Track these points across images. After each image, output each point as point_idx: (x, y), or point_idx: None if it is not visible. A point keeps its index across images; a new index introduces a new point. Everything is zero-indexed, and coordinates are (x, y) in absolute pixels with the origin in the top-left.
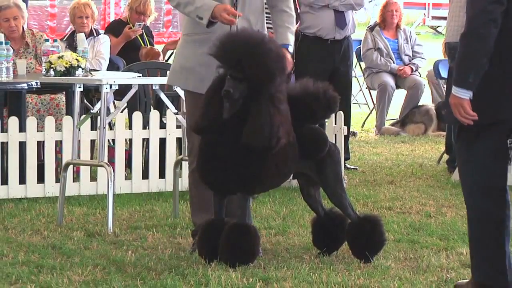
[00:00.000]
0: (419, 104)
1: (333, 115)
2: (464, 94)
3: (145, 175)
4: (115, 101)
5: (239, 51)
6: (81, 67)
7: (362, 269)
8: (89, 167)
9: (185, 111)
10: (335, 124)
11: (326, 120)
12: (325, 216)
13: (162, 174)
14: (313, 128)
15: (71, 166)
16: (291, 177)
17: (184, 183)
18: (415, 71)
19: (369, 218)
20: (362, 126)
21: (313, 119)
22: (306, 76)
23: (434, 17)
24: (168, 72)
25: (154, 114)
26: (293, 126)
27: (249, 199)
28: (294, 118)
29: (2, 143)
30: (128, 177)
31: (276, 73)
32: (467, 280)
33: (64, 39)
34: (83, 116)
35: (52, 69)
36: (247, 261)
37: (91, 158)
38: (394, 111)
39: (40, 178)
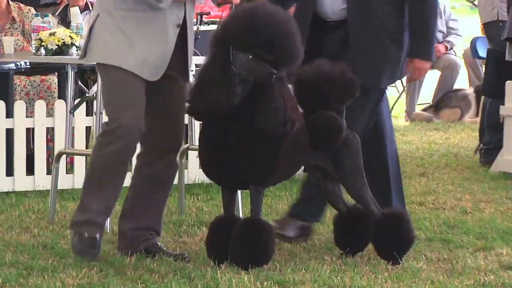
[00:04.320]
0: (454, 87)
1: None
2: None
3: None
4: None
5: (269, 30)
6: (75, 45)
7: (390, 272)
8: (84, 157)
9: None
10: None
11: None
12: (348, 213)
13: None
14: (325, 114)
15: (64, 156)
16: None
17: (190, 175)
18: (449, 49)
19: (395, 214)
20: (391, 111)
21: (326, 104)
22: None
23: None
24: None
25: None
26: (304, 112)
27: (262, 192)
28: (305, 103)
29: None
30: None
31: (301, 54)
32: None
33: (56, 14)
34: (78, 100)
35: (42, 48)
36: (261, 262)
37: (87, 147)
38: (426, 94)
39: (30, 170)
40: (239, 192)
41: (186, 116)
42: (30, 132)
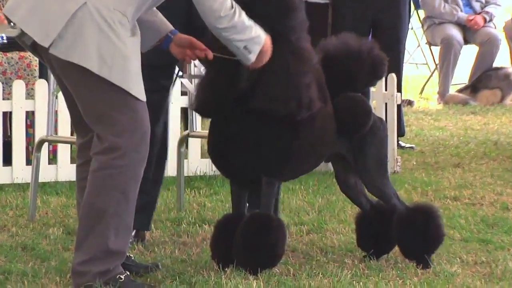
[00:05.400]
0: (494, 65)
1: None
2: None
3: None
4: None
5: None
6: None
7: (420, 277)
8: (69, 145)
9: (191, 73)
10: (386, 90)
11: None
12: (371, 210)
13: None
14: (353, 96)
15: (46, 144)
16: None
17: (191, 166)
18: (488, 21)
19: (421, 208)
20: (421, 92)
21: (353, 85)
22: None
23: None
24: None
25: None
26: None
27: (276, 186)
28: (329, 83)
29: None
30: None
31: (291, 5)
32: None
33: None
34: None
35: None
36: (267, 264)
37: (72, 134)
38: (462, 73)
39: (7, 160)
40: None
41: (186, 96)
42: (7, 117)
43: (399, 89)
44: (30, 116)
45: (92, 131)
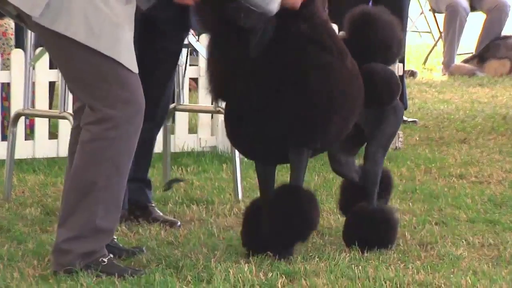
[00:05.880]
0: (503, 33)
1: None
2: None
3: None
4: None
5: None
6: None
7: (423, 260)
8: (46, 119)
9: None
10: None
11: None
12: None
13: None
14: (385, 67)
15: (22, 118)
16: None
17: (178, 141)
18: None
19: (384, 211)
20: (424, 63)
21: (387, 58)
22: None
23: None
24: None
25: None
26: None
27: (305, 155)
28: (359, 54)
29: None
30: None
31: None
32: None
33: None
34: (39, 49)
35: None
36: (300, 236)
37: (50, 108)
38: (468, 42)
39: None
40: (237, 164)
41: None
42: None
43: (401, 59)
44: (5, 88)
45: None
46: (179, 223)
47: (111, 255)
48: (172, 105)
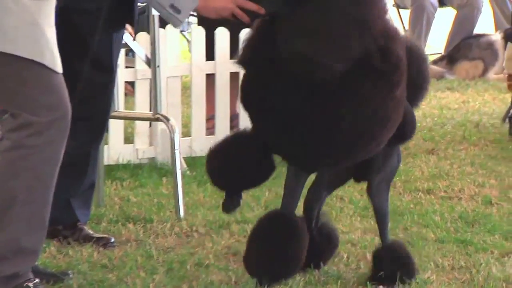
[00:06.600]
0: (475, 31)
1: None
2: None
3: None
4: None
5: None
6: None
7: (386, 285)
8: None
9: None
10: None
11: None
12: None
13: None
14: (409, 106)
15: None
16: None
17: (111, 153)
18: None
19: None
20: None
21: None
22: None
23: None
24: None
25: None
26: None
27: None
28: None
29: None
30: None
31: None
32: None
33: None
34: None
35: None
36: (280, 275)
37: None
38: (437, 41)
39: None
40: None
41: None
42: None
43: None
44: None
45: None
46: (112, 239)
47: (38, 280)
48: None
